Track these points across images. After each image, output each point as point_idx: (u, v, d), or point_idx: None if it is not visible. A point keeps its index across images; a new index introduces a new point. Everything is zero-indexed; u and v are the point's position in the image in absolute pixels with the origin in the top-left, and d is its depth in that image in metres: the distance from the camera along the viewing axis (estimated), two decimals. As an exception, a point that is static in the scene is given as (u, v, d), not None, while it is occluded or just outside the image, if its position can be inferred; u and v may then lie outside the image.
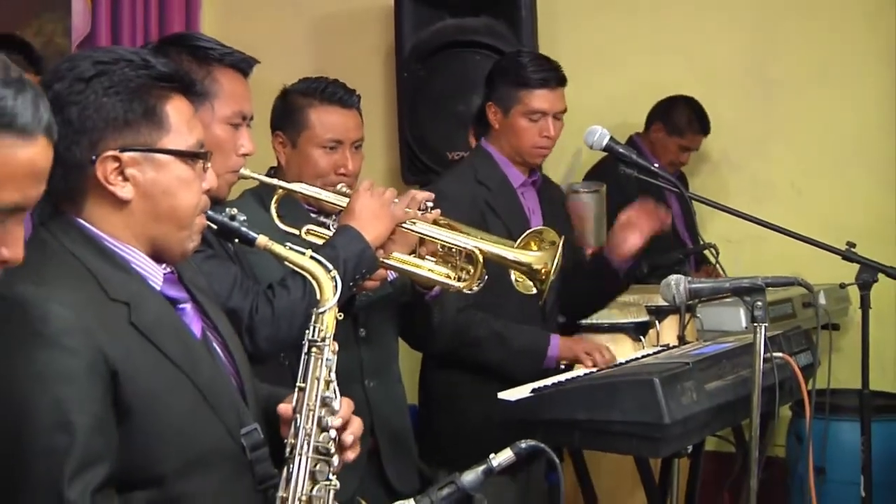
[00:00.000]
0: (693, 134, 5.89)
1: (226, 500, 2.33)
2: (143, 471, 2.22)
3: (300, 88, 3.73)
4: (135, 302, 2.26)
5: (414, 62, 5.86)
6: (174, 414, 2.26)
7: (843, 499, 4.22)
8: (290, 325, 3.03)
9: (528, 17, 5.71)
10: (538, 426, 3.42)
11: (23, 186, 1.66)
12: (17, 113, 1.63)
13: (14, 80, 1.65)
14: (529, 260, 3.47)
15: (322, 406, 2.41)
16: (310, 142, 3.66)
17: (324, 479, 2.38)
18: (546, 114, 4.16)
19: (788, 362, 3.55)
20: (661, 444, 3.48)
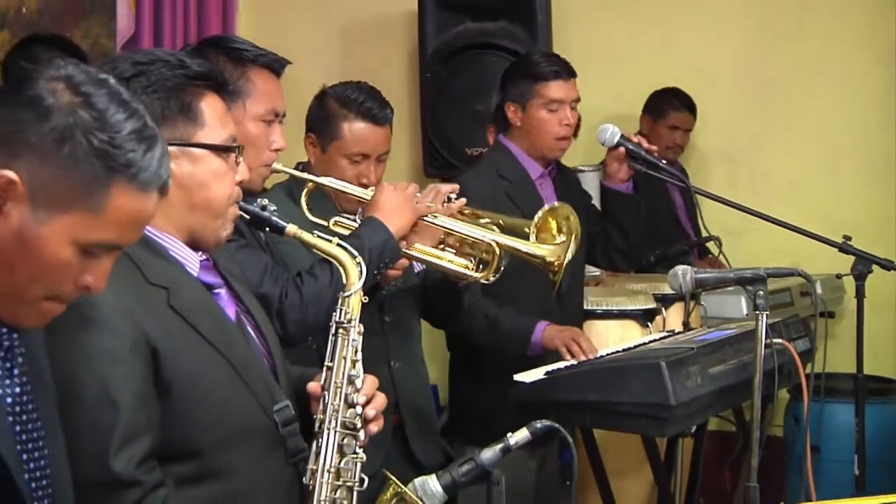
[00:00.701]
0: (674, 111, 5.84)
1: (260, 473, 2.34)
2: (183, 444, 2.23)
3: (338, 95, 3.67)
4: (173, 287, 2.27)
5: (436, 64, 5.86)
6: (211, 391, 2.27)
7: (837, 477, 4.20)
8: (317, 310, 3.04)
9: (543, 21, 5.71)
10: (551, 406, 3.42)
11: (126, 231, 1.73)
12: (143, 168, 1.69)
13: (148, 137, 1.71)
14: (543, 253, 3.48)
15: (348, 384, 2.42)
16: (338, 151, 3.63)
17: (351, 452, 2.39)
18: (563, 102, 4.14)
19: (787, 348, 3.54)
20: (667, 424, 3.48)
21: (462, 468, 2.44)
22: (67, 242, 1.67)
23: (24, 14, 5.13)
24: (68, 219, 1.66)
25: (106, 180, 1.66)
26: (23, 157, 1.65)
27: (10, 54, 4.30)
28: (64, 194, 1.66)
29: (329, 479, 2.36)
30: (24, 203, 1.65)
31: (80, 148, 1.65)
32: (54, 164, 1.65)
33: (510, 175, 4.15)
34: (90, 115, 1.66)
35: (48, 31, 4.77)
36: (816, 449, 4.13)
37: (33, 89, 1.67)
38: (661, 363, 3.39)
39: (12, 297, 1.72)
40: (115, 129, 1.67)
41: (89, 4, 5.46)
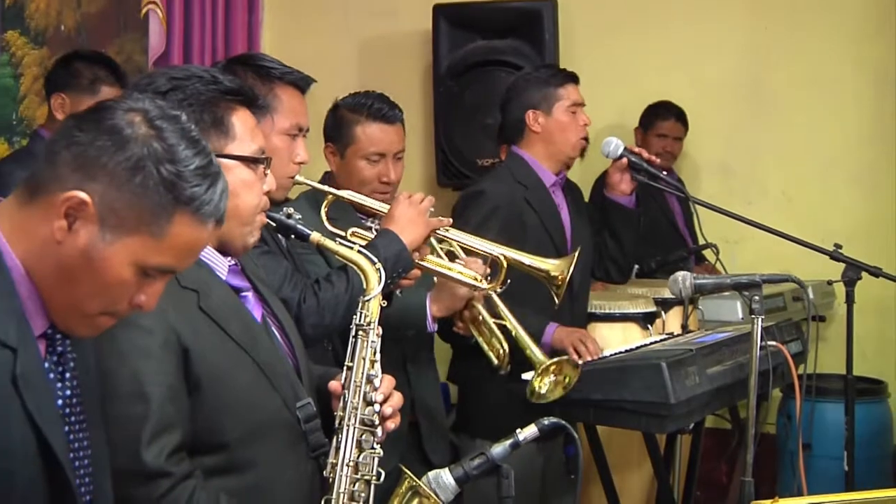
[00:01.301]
0: (661, 121, 5.83)
1: (283, 466, 2.34)
2: (211, 438, 2.24)
3: (349, 104, 3.73)
4: (203, 289, 2.29)
5: (448, 79, 5.87)
6: (237, 387, 2.28)
7: (827, 472, 4.19)
8: (333, 314, 3.06)
9: (550, 39, 5.72)
10: (557, 404, 3.43)
11: (183, 257, 1.77)
12: (205, 202, 1.73)
13: (212, 173, 1.76)
14: (548, 267, 3.50)
15: (367, 383, 2.42)
16: (356, 154, 3.66)
17: (369, 448, 2.39)
18: (581, 105, 4.18)
19: (781, 350, 3.55)
20: (666, 422, 3.50)
21: (474, 462, 2.44)
22: (129, 263, 1.71)
23: (62, 31, 5.15)
24: (132, 242, 1.70)
25: (171, 210, 1.70)
26: (97, 181, 1.68)
27: (52, 69, 4.33)
28: (131, 219, 1.69)
29: (348, 473, 2.36)
30: (94, 223, 1.69)
31: (150, 178, 1.69)
32: (125, 191, 1.68)
33: (526, 181, 4.14)
34: (162, 148, 1.71)
35: (85, 47, 4.78)
36: (808, 446, 4.12)
37: (112, 119, 1.71)
38: (661, 364, 3.41)
39: (72, 310, 1.75)
40: (183, 163, 1.72)
41: (123, 22, 5.47)
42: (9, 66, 4.89)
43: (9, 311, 1.69)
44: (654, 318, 4.51)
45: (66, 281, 1.71)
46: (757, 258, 5.35)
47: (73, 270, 1.70)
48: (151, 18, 5.46)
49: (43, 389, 1.73)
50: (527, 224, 4.07)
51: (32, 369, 1.71)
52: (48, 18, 5.10)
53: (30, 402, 1.68)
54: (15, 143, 4.83)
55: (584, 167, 4.70)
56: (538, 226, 4.09)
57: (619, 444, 4.15)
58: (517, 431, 2.46)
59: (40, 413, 1.70)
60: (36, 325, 1.74)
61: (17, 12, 4.93)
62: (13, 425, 1.67)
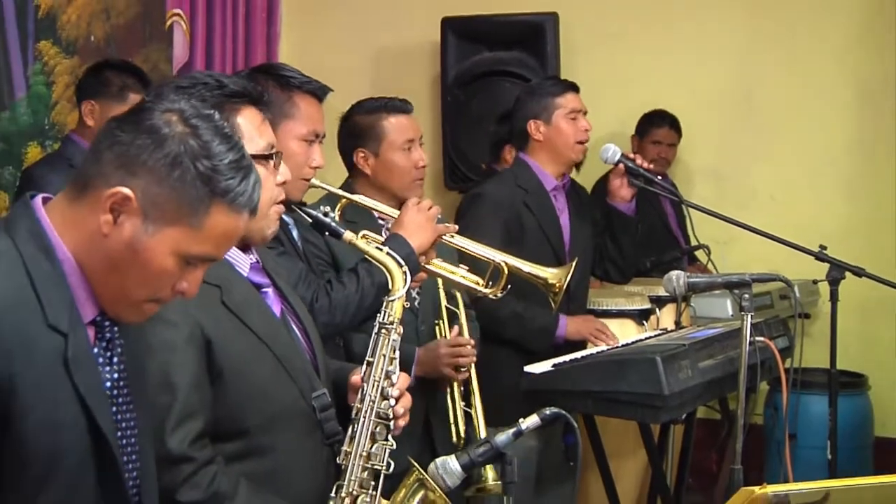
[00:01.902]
0: (655, 128, 5.82)
1: (299, 452, 2.34)
2: (232, 425, 2.25)
3: (365, 108, 3.70)
4: (225, 285, 2.29)
5: (456, 88, 5.88)
6: (257, 378, 2.29)
7: (812, 461, 4.19)
8: (343, 314, 3.06)
9: (552, 51, 5.73)
10: (557, 395, 3.43)
11: (220, 245, 1.80)
12: (239, 193, 1.75)
13: (245, 166, 1.78)
14: (546, 276, 3.50)
15: (385, 378, 2.42)
16: (390, 147, 3.63)
17: (382, 439, 2.39)
18: (580, 111, 4.19)
19: (769, 345, 3.55)
20: (660, 412, 3.49)
21: (479, 450, 2.44)
22: (171, 253, 1.73)
23: (91, 42, 5.15)
24: (173, 232, 1.73)
25: (207, 202, 1.73)
26: (139, 177, 1.72)
27: (83, 77, 4.33)
28: (171, 211, 1.72)
29: (360, 462, 2.36)
30: (137, 217, 1.72)
31: (188, 173, 1.72)
32: (165, 185, 1.71)
33: (527, 185, 4.15)
34: (198, 145, 1.73)
35: (114, 57, 4.78)
36: (793, 436, 4.12)
37: (151, 119, 1.74)
38: (656, 358, 3.40)
39: (120, 298, 1.78)
40: (217, 157, 1.74)
41: (149, 33, 5.48)
42: (41, 74, 4.90)
43: (61, 300, 1.72)
44: (649, 315, 4.51)
45: (114, 271, 1.75)
46: (746, 258, 5.32)
47: (119, 261, 1.74)
48: (176, 30, 5.47)
49: (92, 372, 1.77)
50: (525, 226, 4.09)
51: (82, 353, 1.74)
52: (79, 29, 5.10)
53: (80, 383, 1.72)
54: (47, 147, 4.83)
55: (584, 173, 4.69)
56: (536, 228, 4.10)
57: (615, 433, 4.14)
58: (520, 420, 2.46)
59: (89, 393, 1.73)
60: (85, 312, 1.77)
61: (49, 23, 4.94)
62: (64, 404, 1.70)
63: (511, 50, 5.80)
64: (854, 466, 4.52)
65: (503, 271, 3.33)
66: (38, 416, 1.67)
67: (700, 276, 3.72)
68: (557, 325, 4.05)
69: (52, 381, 1.69)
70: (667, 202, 5.69)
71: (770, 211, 5.50)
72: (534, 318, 4.01)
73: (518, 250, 3.99)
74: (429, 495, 2.39)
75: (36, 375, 1.67)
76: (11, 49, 4.74)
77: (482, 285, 3.35)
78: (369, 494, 2.36)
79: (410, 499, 2.39)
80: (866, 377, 5.30)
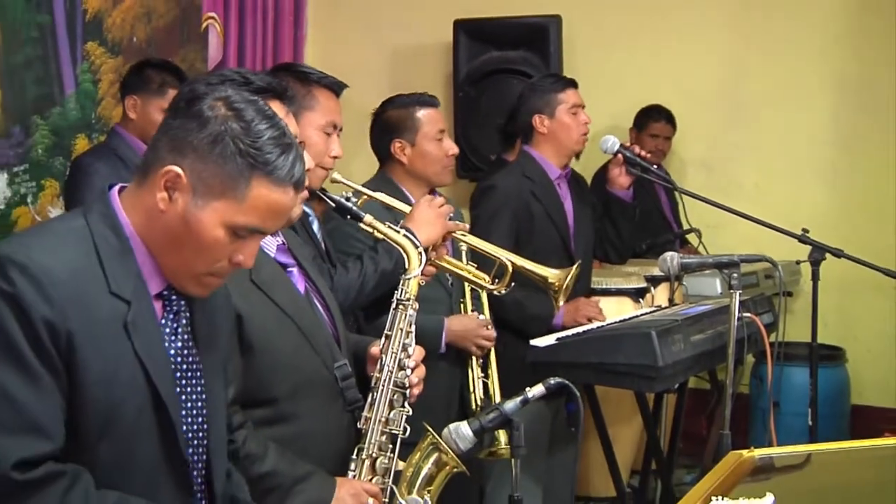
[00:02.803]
0: (654, 122, 5.78)
1: (322, 418, 2.34)
2: (260, 393, 2.25)
3: (396, 104, 3.69)
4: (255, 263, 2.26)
5: (467, 85, 5.85)
6: (283, 350, 2.29)
7: (793, 427, 4.16)
8: (345, 296, 3.02)
9: (555, 51, 5.70)
10: (560, 366, 3.40)
11: (266, 217, 1.81)
12: (278, 167, 1.78)
13: (285, 143, 1.81)
14: (547, 275, 3.47)
15: (402, 350, 2.42)
16: (426, 137, 3.62)
17: (399, 406, 2.40)
18: (580, 106, 4.16)
19: (755, 321, 3.55)
20: (655, 382, 3.49)
21: (489, 416, 2.43)
22: (219, 224, 1.76)
23: (134, 43, 5.15)
24: (219, 205, 1.76)
25: (248, 175, 1.76)
26: (187, 157, 1.76)
27: (126, 75, 4.34)
28: (216, 185, 1.76)
29: (379, 427, 2.36)
30: (188, 192, 1.76)
31: (228, 148, 1.75)
32: (209, 161, 1.75)
33: (533, 176, 4.12)
34: (238, 126, 1.77)
35: (154, 56, 4.78)
36: (777, 404, 4.08)
37: (198, 106, 1.79)
38: (651, 332, 3.39)
39: (182, 271, 1.82)
40: (257, 135, 1.77)
41: (186, 35, 5.47)
42: (89, 72, 4.90)
43: (127, 272, 1.78)
44: (645, 293, 4.49)
45: (173, 244, 1.79)
46: (734, 241, 5.30)
47: (177, 234, 1.78)
48: (210, 32, 5.45)
49: (153, 337, 1.81)
50: (533, 213, 4.07)
51: (143, 319, 1.79)
52: (123, 31, 5.10)
53: (139, 347, 1.76)
54: (94, 139, 4.84)
55: (584, 162, 4.67)
56: (543, 214, 4.08)
57: (613, 401, 4.13)
58: (526, 389, 2.45)
59: (148, 357, 1.77)
60: (152, 285, 1.82)
61: (96, 26, 4.94)
62: (124, 363, 1.75)
63: (518, 50, 5.76)
64: (832, 432, 4.50)
65: (508, 269, 3.30)
66: (96, 370, 1.71)
67: (692, 257, 3.71)
68: (555, 315, 4.00)
69: (111, 342, 1.73)
70: (661, 190, 5.66)
71: (755, 198, 5.47)
72: (533, 306, 3.98)
73: (528, 235, 4.00)
74: (442, 457, 2.39)
75: (94, 335, 1.71)
76: (62, 50, 4.75)
77: (487, 282, 3.32)
78: (387, 456, 2.37)
79: (425, 461, 2.39)
80: (844, 350, 5.30)
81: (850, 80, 5.58)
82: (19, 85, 4.53)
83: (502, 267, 3.30)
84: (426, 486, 2.37)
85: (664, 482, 4.21)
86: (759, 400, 4.97)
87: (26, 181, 4.54)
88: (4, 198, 4.43)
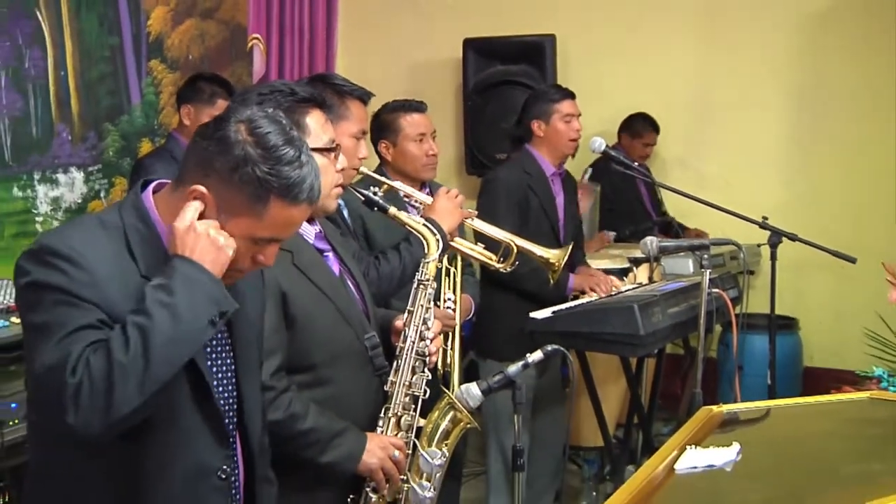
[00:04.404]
0: (647, 133, 5.76)
1: (354, 382, 2.34)
2: (302, 361, 2.25)
3: (388, 108, 3.69)
4: (296, 250, 2.28)
5: (474, 95, 5.83)
6: (321, 323, 2.28)
7: (755, 387, 4.13)
8: (389, 284, 3.03)
9: (550, 65, 5.69)
10: (556, 335, 3.41)
11: (282, 230, 1.74)
12: (294, 189, 1.69)
13: (302, 164, 1.71)
14: (548, 256, 3.47)
15: (423, 324, 2.41)
16: (406, 139, 3.62)
17: (420, 372, 2.39)
18: (573, 115, 4.13)
19: (722, 295, 3.54)
20: (637, 348, 3.50)
21: (495, 378, 2.44)
22: (241, 237, 1.70)
23: (190, 60, 5.15)
24: (241, 221, 1.70)
25: (265, 197, 1.68)
26: (211, 177, 1.69)
27: (182, 87, 4.34)
28: (237, 205, 1.69)
29: (403, 389, 2.36)
30: (213, 207, 1.69)
31: (247, 175, 1.67)
32: (231, 184, 1.68)
33: (531, 171, 4.11)
34: (256, 152, 1.68)
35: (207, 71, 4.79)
36: (741, 367, 4.08)
37: (223, 129, 1.70)
38: (634, 306, 3.40)
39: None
40: (275, 161, 1.68)
41: (234, 53, 5.47)
42: (152, 85, 4.91)
43: (155, 257, 1.72)
44: (628, 272, 4.48)
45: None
46: (704, 227, 5.33)
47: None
48: (255, 50, 5.45)
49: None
50: (530, 204, 4.06)
51: None
52: (180, 51, 5.10)
53: None
54: (156, 143, 4.85)
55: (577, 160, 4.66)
56: (538, 206, 4.07)
57: (601, 365, 4.13)
58: (527, 355, 2.46)
59: None
60: None
61: (157, 46, 4.95)
62: None
63: (518, 64, 5.74)
64: (788, 390, 4.49)
65: (513, 250, 3.30)
66: None
67: (668, 241, 3.70)
68: (567, 281, 4.02)
69: None
70: (641, 183, 5.65)
71: (723, 190, 5.40)
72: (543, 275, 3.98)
73: (524, 222, 3.98)
74: (457, 415, 2.39)
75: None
76: (129, 67, 4.76)
77: (495, 261, 3.32)
78: (410, 415, 2.37)
79: (442, 418, 2.39)
80: (797, 320, 5.30)
81: (803, 89, 5.55)
82: (94, 97, 4.54)
83: (507, 248, 3.31)
84: (443, 440, 2.38)
85: (645, 434, 4.23)
86: (725, 363, 4.96)
87: (99, 178, 4.56)
88: (81, 193, 4.45)
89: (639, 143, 5.73)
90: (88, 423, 1.57)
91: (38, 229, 4.19)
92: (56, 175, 4.34)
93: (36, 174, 4.23)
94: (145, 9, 4.86)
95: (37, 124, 4.22)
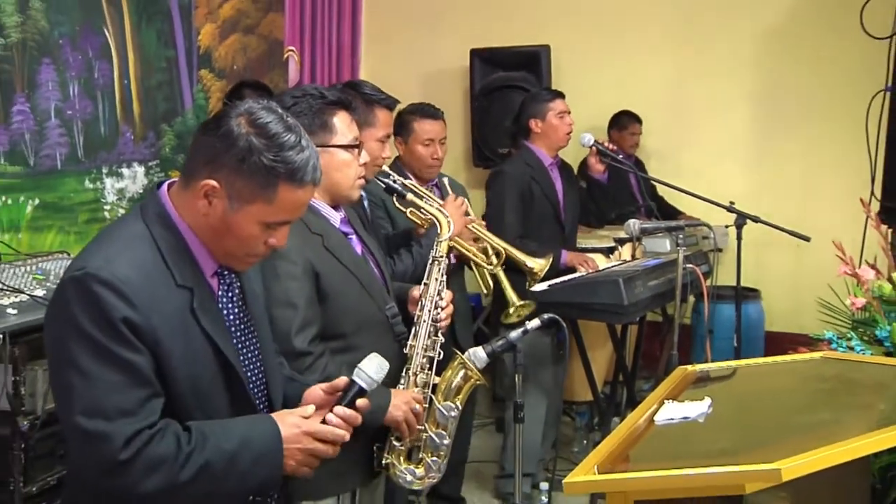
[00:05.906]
0: (632, 124, 5.70)
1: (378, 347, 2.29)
2: (334, 330, 2.25)
3: (408, 110, 3.68)
4: (325, 234, 2.28)
5: (480, 97, 5.80)
6: (349, 298, 2.28)
7: (724, 349, 4.11)
8: (402, 279, 2.99)
9: (546, 71, 5.66)
10: (552, 305, 3.41)
11: (292, 212, 1.67)
12: (299, 172, 1.63)
13: (302, 148, 1.64)
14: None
15: (437, 295, 2.41)
16: (415, 141, 3.61)
17: (434, 336, 2.39)
18: (566, 112, 4.11)
19: (695, 270, 3.53)
20: (622, 317, 3.49)
21: (498, 343, 2.44)
22: (254, 223, 1.64)
23: (235, 70, 5.14)
24: (252, 208, 1.63)
25: (274, 183, 1.62)
26: (221, 170, 1.62)
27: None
28: (247, 193, 1.62)
29: (420, 352, 2.37)
30: (224, 199, 1.62)
31: (254, 164, 1.60)
32: (240, 175, 1.61)
33: (532, 164, 4.09)
34: (260, 142, 1.61)
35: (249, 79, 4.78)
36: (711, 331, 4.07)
37: (225, 124, 1.62)
38: (619, 279, 3.39)
39: (227, 256, 1.71)
40: (279, 148, 1.61)
41: (271, 63, 5.46)
42: (202, 92, 4.90)
43: (184, 261, 1.65)
44: (614, 251, 4.48)
45: (217, 238, 1.67)
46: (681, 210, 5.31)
47: (219, 232, 1.65)
48: (291, 60, 5.44)
49: (215, 314, 1.69)
50: (534, 193, 4.05)
51: (205, 301, 1.67)
52: (226, 62, 5.09)
53: (205, 324, 1.65)
54: (206, 142, 4.84)
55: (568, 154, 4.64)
56: (541, 194, 4.06)
57: (591, 331, 4.14)
58: (526, 322, 2.46)
59: (214, 332, 1.67)
60: (207, 267, 1.70)
61: (207, 58, 4.94)
62: (195, 341, 1.64)
63: (518, 71, 5.71)
64: (752, 351, 4.48)
65: (502, 254, 3.33)
66: (178, 355, 1.61)
67: (649, 222, 3.68)
68: (561, 256, 4.00)
69: (184, 328, 1.62)
70: (630, 175, 5.63)
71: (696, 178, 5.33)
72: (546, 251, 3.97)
73: (529, 208, 3.97)
74: (467, 373, 2.39)
75: (172, 326, 1.60)
76: (182, 76, 4.75)
77: (486, 261, 3.34)
78: (426, 374, 2.37)
79: (455, 376, 2.39)
80: (760, 291, 5.28)
81: (763, 92, 5.52)
82: (152, 102, 4.54)
83: (498, 252, 3.34)
84: (455, 395, 2.38)
85: (628, 390, 4.23)
86: (698, 328, 4.94)
87: (158, 173, 4.57)
88: (143, 184, 4.46)
89: (627, 135, 5.69)
90: (115, 488, 1.55)
91: (106, 216, 4.21)
92: (121, 169, 4.36)
93: (104, 168, 4.24)
94: (196, 25, 4.85)
95: (104, 126, 4.24)
